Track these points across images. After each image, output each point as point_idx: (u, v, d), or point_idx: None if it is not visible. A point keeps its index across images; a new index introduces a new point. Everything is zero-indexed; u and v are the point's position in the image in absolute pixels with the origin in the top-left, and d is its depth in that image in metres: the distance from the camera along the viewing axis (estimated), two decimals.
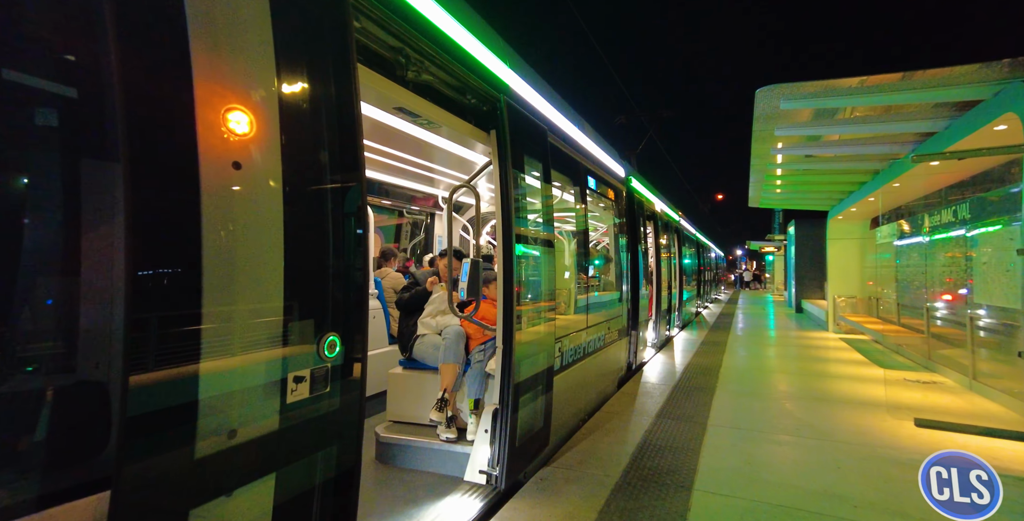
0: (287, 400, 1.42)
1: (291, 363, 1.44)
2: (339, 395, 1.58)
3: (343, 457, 1.61)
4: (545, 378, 3.42)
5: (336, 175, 1.62)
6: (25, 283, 1.12)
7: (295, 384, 1.44)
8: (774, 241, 23.90)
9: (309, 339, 1.49)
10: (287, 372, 1.43)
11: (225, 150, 1.29)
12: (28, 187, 1.17)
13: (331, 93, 1.61)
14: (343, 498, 1.62)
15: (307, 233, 1.53)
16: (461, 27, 2.53)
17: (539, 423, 3.33)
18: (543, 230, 3.56)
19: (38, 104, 1.16)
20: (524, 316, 3.10)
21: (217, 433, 1.24)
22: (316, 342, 1.51)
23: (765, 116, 6.14)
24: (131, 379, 1.06)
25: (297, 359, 1.45)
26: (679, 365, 7.18)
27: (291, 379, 1.43)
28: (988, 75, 4.56)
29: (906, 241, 9.19)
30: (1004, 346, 5.33)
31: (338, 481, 1.59)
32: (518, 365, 2.96)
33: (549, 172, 3.63)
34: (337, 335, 1.57)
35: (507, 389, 2.89)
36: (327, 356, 1.53)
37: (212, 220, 1.24)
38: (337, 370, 1.58)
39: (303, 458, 1.50)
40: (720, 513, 2.84)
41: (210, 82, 1.26)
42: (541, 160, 3.54)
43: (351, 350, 1.62)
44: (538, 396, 3.31)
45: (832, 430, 4.28)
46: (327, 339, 1.53)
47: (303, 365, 1.47)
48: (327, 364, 1.54)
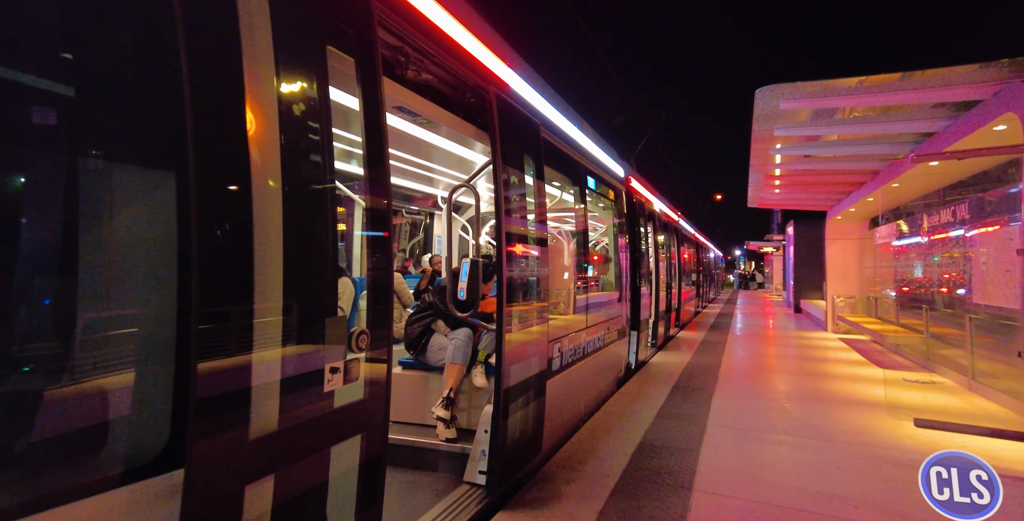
0: (324, 388, 1.58)
1: (329, 355, 1.60)
2: (368, 384, 1.75)
3: (372, 439, 1.79)
4: (537, 383, 3.28)
5: (370, 187, 1.80)
6: (54, 282, 1.16)
7: (331, 374, 1.61)
8: (772, 241, 23.92)
9: (342, 335, 1.67)
10: (324, 364, 1.58)
11: (278, 163, 1.43)
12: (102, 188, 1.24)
13: (360, 104, 1.78)
14: (375, 474, 1.79)
15: (336, 241, 1.73)
16: (448, 16, 2.39)
17: (531, 429, 3.20)
18: (537, 227, 3.44)
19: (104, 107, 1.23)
20: (515, 318, 2.98)
21: (270, 416, 1.37)
22: (348, 337, 1.69)
23: (764, 116, 6.14)
24: (200, 366, 1.19)
25: (333, 352, 1.62)
26: (679, 365, 7.17)
27: (327, 369, 1.59)
28: (988, 75, 4.56)
29: (905, 241, 9.20)
30: (1004, 346, 5.33)
31: (368, 464, 1.76)
32: (509, 370, 2.84)
33: (542, 168, 3.51)
34: (366, 330, 1.75)
35: (498, 395, 2.78)
36: (358, 349, 1.71)
37: (267, 232, 1.40)
38: (366, 362, 1.75)
39: (340, 441, 1.67)
40: (720, 513, 2.84)
41: (263, 101, 1.40)
42: (534, 155, 3.42)
43: (378, 343, 1.79)
44: (530, 402, 3.19)
45: (832, 430, 4.28)
46: (357, 333, 1.72)
47: (337, 358, 1.63)
48: (358, 356, 1.71)
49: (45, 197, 1.17)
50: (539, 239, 3.45)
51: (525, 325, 3.14)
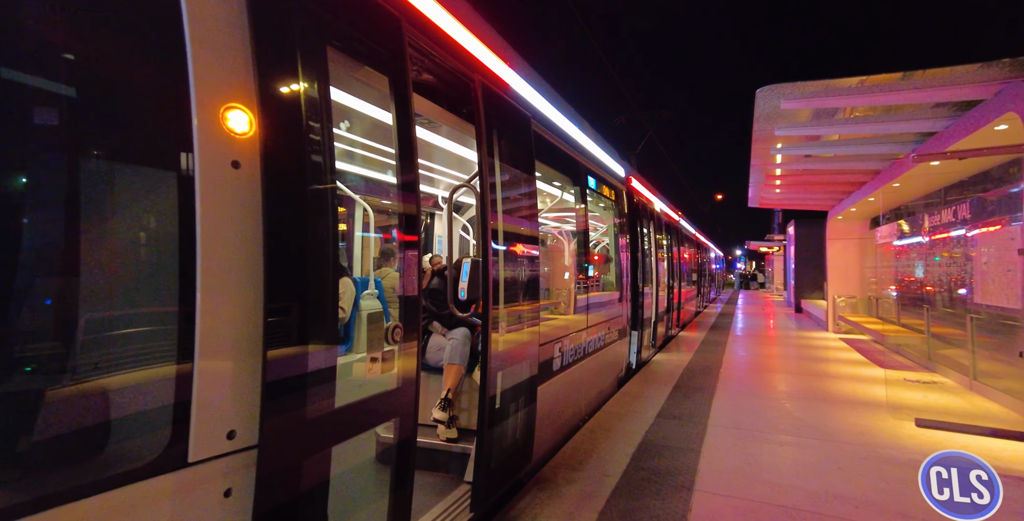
0: (366, 376, 1.85)
1: (371, 346, 1.88)
2: (401, 371, 1.99)
3: (405, 420, 2.02)
4: (527, 389, 3.12)
5: (403, 196, 2.04)
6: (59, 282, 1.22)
7: (371, 363, 1.87)
8: (773, 241, 23.90)
9: (379, 329, 1.94)
10: (366, 354, 1.86)
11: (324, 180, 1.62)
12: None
13: (393, 114, 1.97)
14: (407, 454, 2.05)
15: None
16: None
17: (520, 439, 3.04)
18: (528, 226, 3.27)
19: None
20: (502, 321, 2.82)
21: (331, 396, 1.61)
22: (385, 330, 1.93)
23: (765, 116, 6.13)
24: (270, 354, 1.40)
25: (373, 343, 1.89)
26: (679, 365, 7.17)
27: (369, 359, 1.87)
28: (989, 74, 4.55)
29: (906, 241, 9.18)
30: (1005, 346, 5.32)
31: (402, 445, 2.03)
32: (495, 377, 2.67)
33: (533, 163, 3.32)
34: (400, 325, 2.00)
35: (483, 403, 2.60)
36: (393, 341, 1.95)
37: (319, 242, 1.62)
38: (399, 352, 1.98)
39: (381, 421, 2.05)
40: (721, 514, 2.84)
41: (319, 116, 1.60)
42: (523, 149, 3.22)
43: (409, 336, 2.01)
44: (519, 409, 3.04)
45: (833, 430, 4.28)
46: (392, 327, 1.96)
47: (377, 348, 1.89)
48: (393, 347, 1.95)
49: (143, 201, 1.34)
50: (529, 238, 3.30)
51: (513, 328, 2.99)
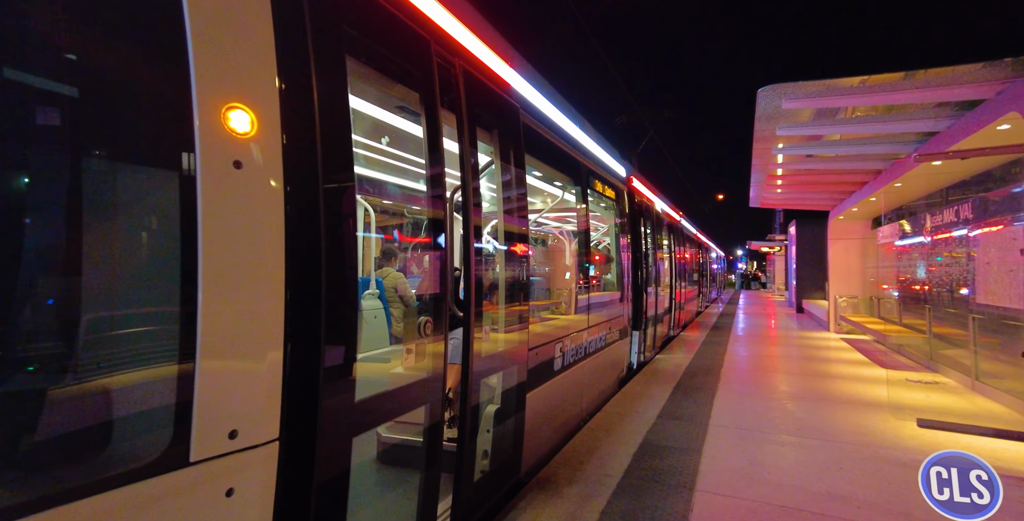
0: (403, 367, 2.08)
1: (405, 339, 2.12)
2: (431, 362, 2.12)
3: (434, 407, 2.17)
4: (515, 397, 2.95)
5: (433, 203, 2.25)
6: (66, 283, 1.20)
7: (407, 355, 2.09)
8: (775, 241, 23.87)
9: (413, 323, 2.18)
10: (402, 346, 2.12)
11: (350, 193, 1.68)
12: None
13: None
14: (436, 439, 2.22)
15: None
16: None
17: (507, 450, 2.89)
18: (517, 223, 3.12)
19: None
20: (485, 325, 2.66)
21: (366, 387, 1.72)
22: (416, 325, 2.15)
23: (767, 116, 6.13)
24: (280, 353, 1.42)
25: (408, 336, 2.09)
26: (681, 365, 7.17)
27: (404, 351, 2.13)
28: (990, 74, 4.55)
29: (908, 241, 9.17)
30: (1007, 346, 5.31)
31: (433, 428, 2.20)
32: (477, 384, 2.49)
33: (522, 156, 3.14)
34: (430, 318, 2.16)
35: (464, 414, 2.43)
36: (426, 334, 2.10)
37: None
38: (429, 344, 2.13)
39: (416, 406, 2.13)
40: (722, 514, 2.84)
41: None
42: (510, 141, 3.04)
43: (438, 329, 2.13)
44: (506, 418, 2.87)
45: (834, 430, 4.27)
46: (423, 320, 2.14)
47: (411, 340, 2.09)
48: (425, 340, 2.10)
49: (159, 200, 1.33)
50: (520, 236, 3.15)
51: (498, 332, 2.84)
